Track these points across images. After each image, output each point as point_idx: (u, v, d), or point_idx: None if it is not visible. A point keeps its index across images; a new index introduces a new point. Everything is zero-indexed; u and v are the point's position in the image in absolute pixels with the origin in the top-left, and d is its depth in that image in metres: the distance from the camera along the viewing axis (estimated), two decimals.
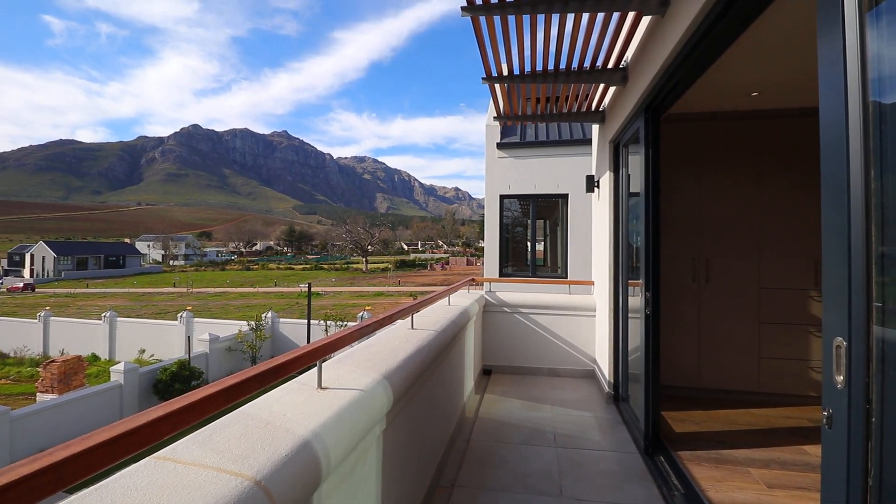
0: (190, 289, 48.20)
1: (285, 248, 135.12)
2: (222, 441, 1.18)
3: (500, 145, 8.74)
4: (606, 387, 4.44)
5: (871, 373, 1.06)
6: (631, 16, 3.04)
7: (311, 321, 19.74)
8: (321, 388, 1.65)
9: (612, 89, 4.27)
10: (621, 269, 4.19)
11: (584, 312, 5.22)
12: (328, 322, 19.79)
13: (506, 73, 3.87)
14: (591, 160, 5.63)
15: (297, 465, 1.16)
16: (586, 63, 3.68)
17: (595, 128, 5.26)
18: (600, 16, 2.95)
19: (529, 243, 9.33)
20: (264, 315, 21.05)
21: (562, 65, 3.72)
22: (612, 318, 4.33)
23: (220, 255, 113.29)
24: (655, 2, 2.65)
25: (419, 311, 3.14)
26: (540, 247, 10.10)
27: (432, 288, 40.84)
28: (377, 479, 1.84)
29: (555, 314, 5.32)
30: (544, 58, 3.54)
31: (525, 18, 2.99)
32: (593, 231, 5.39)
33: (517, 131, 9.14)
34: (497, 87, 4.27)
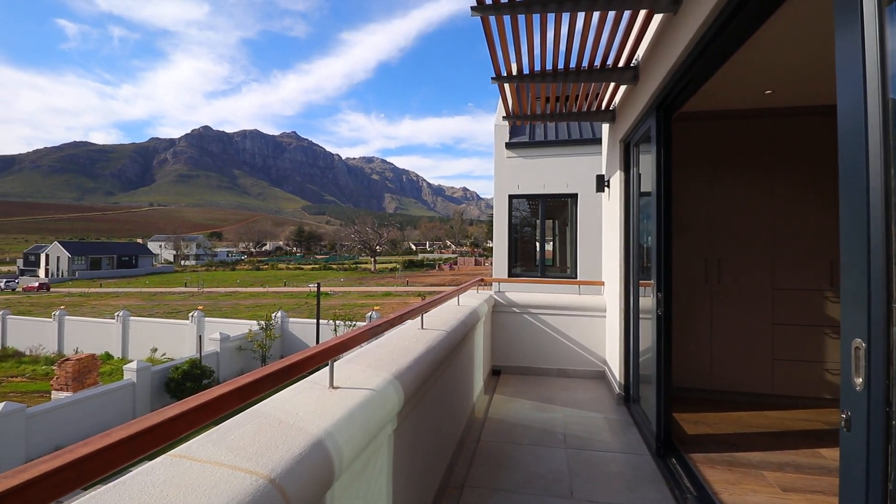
0: (201, 288, 48.72)
1: (294, 249, 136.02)
2: (236, 439, 1.19)
3: (508, 145, 8.71)
4: (617, 388, 4.40)
5: (892, 374, 1.04)
6: (642, 13, 3.02)
7: (321, 321, 19.85)
8: (333, 388, 1.66)
9: (622, 88, 4.24)
10: (632, 270, 4.15)
11: (595, 313, 5.18)
12: (337, 322, 19.89)
13: (515, 72, 3.86)
14: (601, 160, 5.59)
15: (310, 463, 1.17)
16: (596, 62, 3.66)
17: (605, 127, 5.23)
18: (611, 14, 2.93)
19: (538, 243, 9.30)
20: (274, 315, 21.22)
21: (572, 64, 3.70)
22: (623, 319, 4.30)
23: (230, 255, 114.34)
24: None
25: (429, 311, 3.14)
26: (549, 247, 10.06)
27: (441, 288, 40.85)
28: (388, 478, 1.84)
29: (564, 314, 5.30)
30: (554, 57, 3.53)
31: (535, 17, 2.97)
32: (603, 231, 5.36)
33: (526, 131, 9.11)
34: (506, 86, 4.26)
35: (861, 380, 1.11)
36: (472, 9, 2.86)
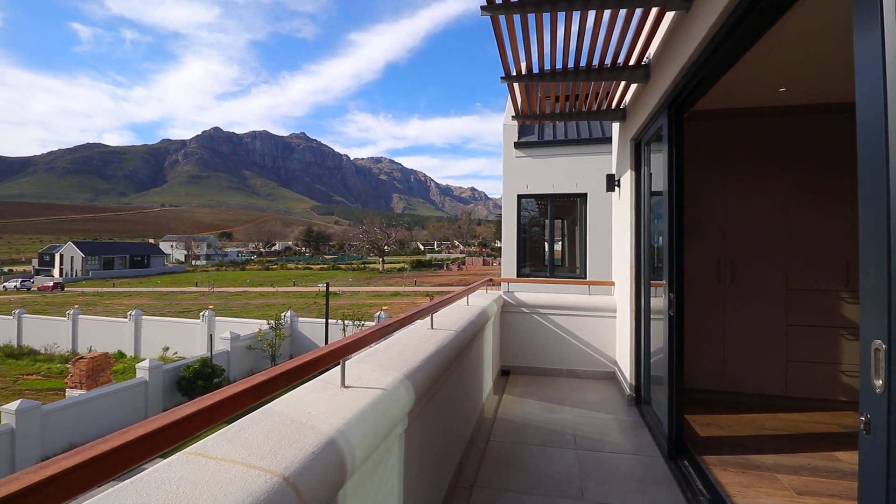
0: (212, 288, 49.20)
1: (303, 249, 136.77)
2: (250, 437, 1.20)
3: (517, 145, 8.69)
4: (627, 389, 4.37)
5: None
6: (654, 11, 2.99)
7: (329, 320, 19.94)
8: (344, 387, 1.67)
9: (633, 87, 4.21)
10: (643, 270, 4.12)
11: (605, 313, 5.15)
12: (346, 322, 19.97)
13: (525, 71, 3.85)
14: (611, 159, 5.55)
15: (323, 462, 1.17)
16: (607, 60, 3.63)
17: (615, 126, 5.19)
18: (622, 12, 2.91)
19: (547, 243, 9.26)
20: (283, 314, 21.36)
21: (582, 62, 3.67)
22: (634, 319, 4.27)
23: (240, 255, 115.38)
24: None
25: (438, 311, 3.14)
26: (557, 247, 10.01)
27: (449, 288, 40.84)
28: (399, 478, 1.84)
29: (574, 315, 5.27)
30: (564, 55, 3.51)
31: (545, 16, 2.96)
32: (613, 231, 5.32)
33: (535, 130, 9.07)
34: (516, 85, 4.25)
35: (881, 382, 1.09)
36: (482, 8, 2.85)
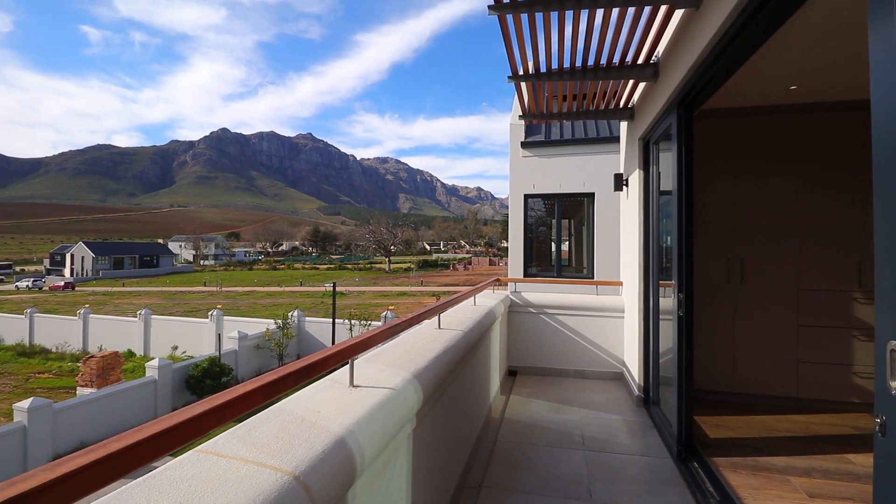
0: (220, 288, 49.57)
1: (310, 249, 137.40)
2: (261, 436, 1.21)
3: (524, 144, 8.67)
4: (636, 389, 4.34)
5: None
6: (663, 9, 2.97)
7: (336, 320, 20.01)
8: (353, 386, 1.67)
9: (641, 85, 4.18)
10: (651, 270, 4.09)
11: (612, 313, 5.12)
12: (352, 321, 20.03)
13: (532, 70, 3.83)
14: (619, 158, 5.52)
15: (333, 461, 1.18)
16: (615, 59, 3.61)
17: (623, 125, 5.16)
18: (631, 10, 2.89)
19: (554, 243, 9.22)
20: (291, 314, 21.48)
21: (590, 61, 3.66)
22: (642, 320, 4.24)
23: (247, 255, 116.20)
24: None
25: (446, 310, 3.14)
26: (564, 247, 9.97)
27: (455, 288, 40.84)
28: (407, 477, 1.84)
29: (582, 315, 5.24)
30: (572, 54, 3.49)
31: (553, 15, 2.95)
32: (621, 231, 5.29)
33: (542, 130, 9.05)
34: (523, 85, 4.23)
35: None
36: (490, 7, 2.84)
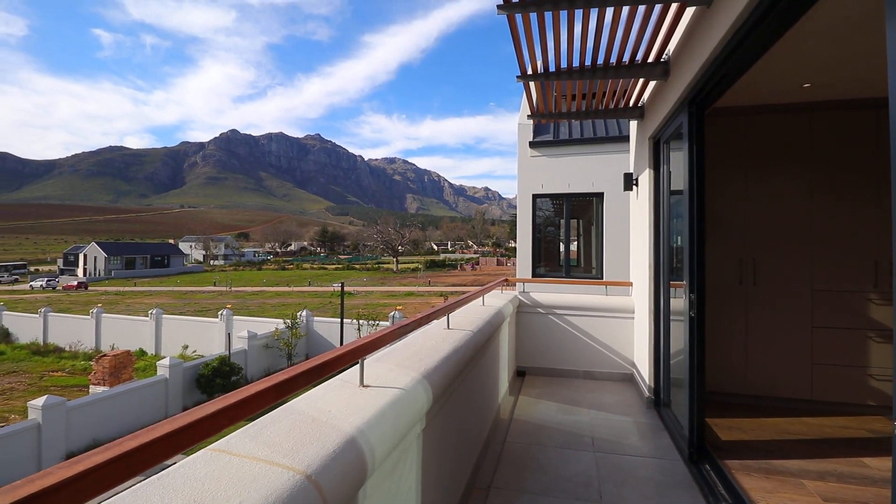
0: (229, 287, 50.00)
1: (318, 249, 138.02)
2: (272, 435, 1.21)
3: (532, 144, 8.64)
4: (646, 391, 4.31)
5: None
6: (674, 7, 2.94)
7: (344, 320, 20.09)
8: (363, 386, 1.67)
9: (651, 84, 4.14)
10: (662, 270, 4.05)
11: (622, 314, 5.08)
12: (360, 321, 20.09)
13: (541, 70, 3.82)
14: (629, 157, 5.48)
15: (344, 461, 1.18)
16: (625, 57, 3.58)
17: (633, 124, 5.12)
18: (641, 8, 2.87)
19: (563, 243, 9.18)
20: (299, 314, 21.60)
21: (599, 60, 3.63)
22: (653, 321, 4.20)
23: (256, 255, 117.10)
24: None
25: (454, 311, 3.13)
26: (573, 247, 9.92)
27: (463, 288, 40.82)
28: (417, 477, 1.84)
29: (591, 315, 5.21)
30: (581, 53, 3.47)
31: (562, 14, 2.93)
32: (631, 231, 5.25)
33: (550, 129, 9.01)
34: (532, 84, 4.22)
35: None
36: (499, 7, 2.83)
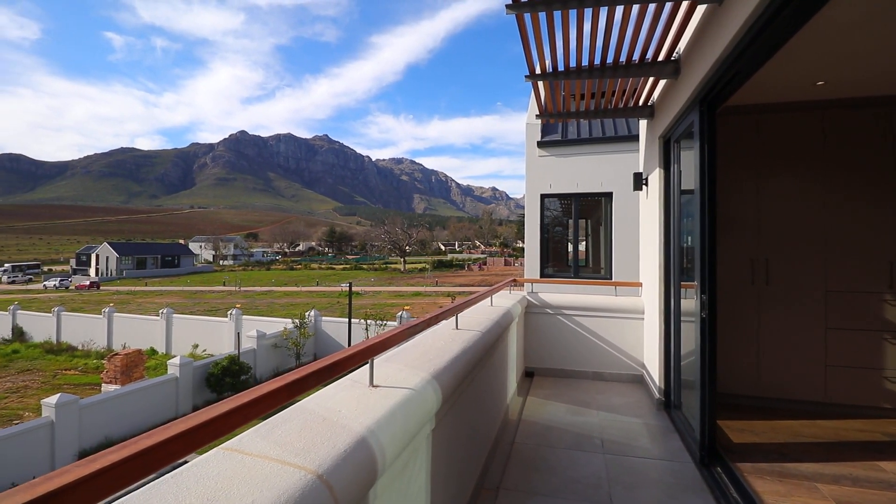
0: (239, 287, 50.40)
1: (326, 249, 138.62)
2: (284, 435, 1.22)
3: (540, 143, 8.60)
4: (656, 393, 4.27)
5: None
6: (684, 5, 2.91)
7: (353, 320, 20.16)
8: (373, 386, 1.68)
9: (661, 83, 4.11)
10: (672, 271, 4.02)
11: (632, 315, 5.04)
12: (368, 321, 20.15)
13: (550, 69, 3.80)
14: (638, 157, 5.44)
15: (355, 460, 1.18)
16: (635, 56, 3.55)
17: (643, 123, 5.08)
18: (651, 6, 2.84)
19: (571, 243, 9.13)
20: (308, 313, 21.72)
21: (609, 59, 3.61)
22: (663, 321, 4.16)
23: (265, 255, 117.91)
24: None
25: (463, 311, 3.13)
26: (582, 247, 9.87)
27: (470, 288, 40.79)
28: (426, 478, 1.84)
29: (600, 316, 5.18)
30: (590, 52, 3.45)
31: (571, 13, 2.92)
32: (641, 231, 5.21)
33: (558, 129, 8.97)
34: (540, 84, 4.20)
35: None
36: (507, 7, 2.82)
